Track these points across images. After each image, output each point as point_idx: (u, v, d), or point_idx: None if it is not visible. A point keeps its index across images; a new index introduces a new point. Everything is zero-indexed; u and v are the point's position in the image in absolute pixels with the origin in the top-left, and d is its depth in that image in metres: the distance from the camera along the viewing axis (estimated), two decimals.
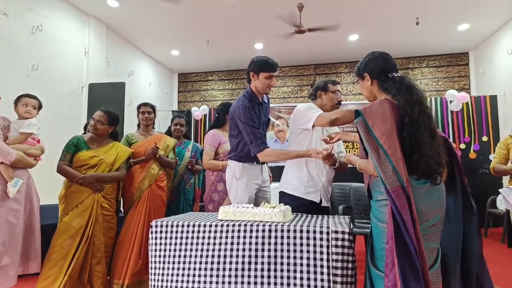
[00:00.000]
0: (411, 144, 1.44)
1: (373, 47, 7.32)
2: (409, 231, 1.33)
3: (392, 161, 1.38)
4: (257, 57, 2.28)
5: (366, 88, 1.68)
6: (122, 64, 6.81)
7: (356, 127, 1.54)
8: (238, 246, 1.62)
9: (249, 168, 2.35)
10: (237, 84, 8.53)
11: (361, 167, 1.60)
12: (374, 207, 1.55)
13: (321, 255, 1.53)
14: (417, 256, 1.32)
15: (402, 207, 1.35)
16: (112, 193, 2.67)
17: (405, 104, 1.47)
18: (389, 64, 1.63)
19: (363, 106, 1.55)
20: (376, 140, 1.43)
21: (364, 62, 1.69)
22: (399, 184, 1.37)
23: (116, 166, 2.68)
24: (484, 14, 5.67)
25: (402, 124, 1.46)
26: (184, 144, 3.42)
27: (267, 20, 5.77)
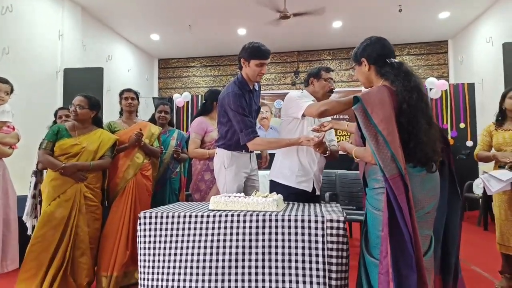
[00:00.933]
0: (408, 131, 1.43)
1: (356, 34, 7.37)
2: (405, 219, 1.33)
3: (391, 148, 1.37)
4: (249, 43, 2.21)
5: (363, 73, 1.65)
6: (99, 49, 6.53)
7: (354, 114, 1.51)
8: (231, 236, 1.58)
9: (238, 156, 2.30)
10: (220, 70, 8.38)
11: (358, 154, 1.58)
12: (370, 195, 1.54)
13: (316, 244, 1.51)
14: (412, 244, 1.32)
15: (399, 194, 1.34)
16: (96, 182, 2.56)
17: (403, 90, 1.45)
18: (387, 49, 1.61)
19: (361, 92, 1.52)
20: (375, 127, 1.41)
21: (361, 47, 1.65)
22: (398, 171, 1.37)
23: (99, 154, 2.56)
24: (464, 2, 5.75)
25: (400, 110, 1.44)
26: (169, 132, 3.33)
27: (251, 5, 5.64)
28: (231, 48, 7.83)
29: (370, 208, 1.53)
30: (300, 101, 2.19)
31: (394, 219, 1.39)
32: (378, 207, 1.47)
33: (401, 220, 1.34)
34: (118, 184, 2.69)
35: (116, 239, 2.55)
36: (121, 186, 2.68)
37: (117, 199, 2.67)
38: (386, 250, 1.37)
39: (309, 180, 2.23)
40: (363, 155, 1.53)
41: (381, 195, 1.46)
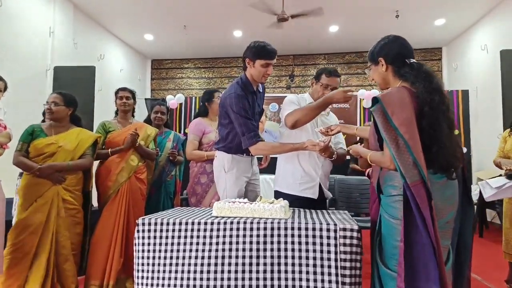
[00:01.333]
0: (430, 135, 1.35)
1: (352, 39, 7.30)
2: (428, 228, 1.25)
3: (413, 152, 1.29)
4: (254, 42, 2.11)
5: (379, 73, 1.57)
6: (91, 47, 6.35)
7: (371, 115, 1.43)
8: (238, 245, 1.48)
9: (239, 160, 2.20)
10: (214, 73, 8.27)
11: (374, 159, 1.49)
12: (386, 203, 1.46)
13: (328, 254, 1.42)
14: (436, 256, 1.24)
15: (422, 203, 1.26)
16: (76, 184, 2.41)
17: (425, 92, 1.37)
18: (405, 49, 1.53)
19: (381, 93, 1.44)
20: (395, 130, 1.33)
21: (378, 46, 1.57)
22: (420, 178, 1.29)
23: (78, 154, 2.41)
24: (460, 9, 5.78)
25: (422, 113, 1.36)
26: (165, 134, 3.21)
27: (248, 7, 5.56)
28: (227, 50, 7.73)
29: (386, 216, 1.44)
30: (285, 109, 2.14)
31: (413, 229, 1.31)
32: (395, 216, 1.39)
33: (424, 230, 1.26)
34: (111, 187, 2.56)
35: (111, 246, 2.43)
36: (114, 189, 2.55)
37: (109, 203, 2.54)
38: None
39: (314, 186, 2.14)
40: (381, 160, 1.44)
41: (399, 203, 1.38)
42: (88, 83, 5.06)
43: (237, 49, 7.60)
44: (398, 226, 1.37)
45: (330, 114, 2.38)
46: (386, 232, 1.43)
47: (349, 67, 7.72)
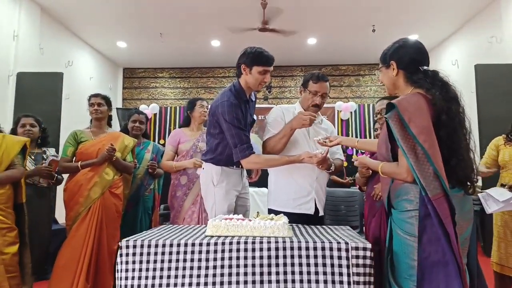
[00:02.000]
0: (448, 146, 1.27)
1: (330, 51, 7.38)
2: (452, 246, 1.15)
3: (434, 163, 1.19)
4: (251, 48, 1.98)
5: (389, 77, 1.47)
6: (59, 53, 5.98)
7: (386, 122, 1.32)
8: (238, 269, 1.31)
9: (228, 172, 2.04)
10: (190, 83, 8.06)
11: (387, 171, 1.37)
12: (399, 218, 1.34)
13: (340, 276, 1.28)
14: (461, 275, 1.14)
15: (446, 218, 1.16)
16: (6, 201, 2.05)
17: (442, 100, 1.29)
18: (421, 55, 1.43)
19: (396, 99, 1.34)
20: (414, 138, 1.23)
21: (392, 48, 1.47)
22: (442, 190, 1.19)
23: (4, 165, 2.07)
24: (432, 26, 5.99)
25: (439, 122, 1.28)
26: (143, 145, 2.99)
27: (227, 17, 5.47)
28: (203, 60, 7.57)
29: (400, 233, 1.33)
30: (268, 129, 2.08)
31: (432, 247, 1.20)
32: (412, 233, 1.27)
33: (448, 248, 1.16)
34: (82, 204, 2.30)
35: (77, 270, 2.16)
36: (85, 206, 2.30)
37: (78, 222, 2.28)
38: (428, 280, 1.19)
39: (310, 201, 2.00)
40: (396, 171, 1.33)
41: (415, 219, 1.27)
42: (54, 90, 4.72)
43: (214, 59, 7.47)
44: (414, 243, 1.26)
45: (324, 121, 2.27)
46: (400, 250, 1.32)
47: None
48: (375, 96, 7.79)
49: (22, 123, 2.61)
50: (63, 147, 2.46)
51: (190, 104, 2.76)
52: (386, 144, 1.39)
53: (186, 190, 2.54)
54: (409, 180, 1.28)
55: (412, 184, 1.29)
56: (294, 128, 1.94)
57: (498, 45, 5.05)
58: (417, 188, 1.27)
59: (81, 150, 2.43)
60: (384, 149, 1.42)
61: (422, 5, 5.29)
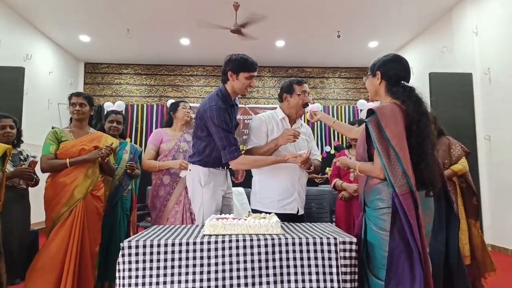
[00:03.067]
0: (417, 152, 1.46)
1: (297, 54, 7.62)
2: (415, 236, 1.34)
3: (403, 164, 1.39)
4: (235, 55, 2.07)
5: (373, 85, 1.67)
6: (17, 46, 5.64)
7: (366, 126, 1.52)
8: (238, 265, 1.41)
9: (215, 173, 2.13)
10: (156, 80, 7.93)
11: (364, 169, 1.57)
12: (373, 215, 1.53)
13: (330, 268, 1.43)
14: (421, 262, 1.33)
15: (409, 211, 1.36)
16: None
17: (414, 112, 1.48)
18: (404, 72, 1.62)
19: (376, 106, 1.52)
20: (388, 141, 1.42)
21: (381, 61, 1.65)
22: (408, 188, 1.39)
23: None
24: (391, 34, 6.43)
25: (411, 131, 1.47)
26: (121, 145, 2.95)
27: (198, 15, 5.48)
28: (171, 58, 7.49)
29: (374, 228, 1.51)
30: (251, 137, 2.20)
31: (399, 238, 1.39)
32: (384, 227, 1.47)
33: (411, 237, 1.35)
34: (64, 204, 2.25)
35: (62, 275, 2.11)
36: (69, 207, 2.25)
37: (59, 225, 2.22)
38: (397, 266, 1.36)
39: (293, 201, 2.15)
40: (371, 169, 1.52)
41: (387, 215, 1.46)
42: (15, 86, 4.48)
43: (183, 57, 7.42)
44: (386, 237, 1.45)
45: (303, 126, 2.42)
46: (375, 243, 1.50)
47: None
48: (338, 98, 8.17)
49: (1, 124, 2.50)
50: (44, 145, 2.37)
51: (173, 105, 2.81)
52: (364, 145, 1.58)
53: (169, 189, 2.58)
54: (381, 177, 1.46)
55: (384, 184, 1.49)
56: (279, 144, 2.09)
57: (449, 55, 5.55)
58: (388, 188, 1.46)
59: (62, 151, 2.36)
60: (362, 150, 1.61)
61: (383, 15, 5.67)
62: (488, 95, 4.75)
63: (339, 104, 7.91)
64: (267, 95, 8.06)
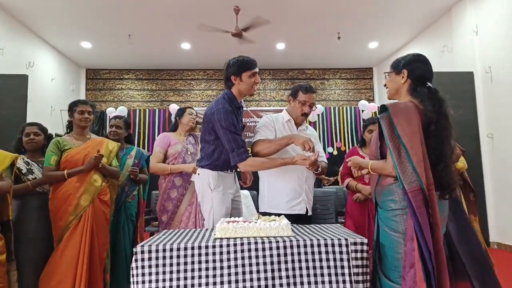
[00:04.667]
0: (435, 153, 1.44)
1: (297, 56, 7.66)
2: (424, 233, 1.32)
3: (413, 161, 1.37)
4: (233, 59, 2.10)
5: (396, 82, 1.62)
6: (19, 54, 5.68)
7: (378, 122, 1.51)
8: (251, 267, 1.42)
9: (224, 176, 2.14)
10: (158, 85, 7.96)
11: (376, 167, 1.56)
12: (386, 217, 1.53)
13: (342, 269, 1.44)
14: (431, 260, 1.32)
15: (419, 208, 1.35)
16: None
17: (433, 112, 1.47)
18: (429, 73, 1.61)
19: (390, 103, 1.51)
20: (399, 138, 1.41)
21: (407, 58, 1.62)
22: (418, 185, 1.37)
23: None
24: (391, 35, 6.46)
25: (428, 131, 1.45)
26: (126, 150, 2.98)
27: (198, 19, 5.51)
28: (173, 62, 7.52)
29: (387, 229, 1.51)
30: (259, 132, 2.19)
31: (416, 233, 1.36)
32: (396, 229, 1.47)
33: (420, 234, 1.33)
34: (71, 213, 2.26)
35: (76, 281, 2.13)
36: (76, 215, 2.27)
37: (70, 232, 2.24)
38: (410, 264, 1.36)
39: (301, 202, 2.16)
40: (383, 166, 1.51)
41: (399, 217, 1.46)
42: (19, 93, 4.50)
43: (184, 61, 7.45)
44: (399, 239, 1.45)
45: (309, 128, 2.44)
46: (387, 245, 1.50)
47: (292, 83, 8.05)
48: (339, 99, 8.20)
49: (26, 132, 2.51)
50: (46, 156, 2.39)
51: (180, 111, 2.85)
52: (377, 142, 1.58)
53: (183, 191, 2.59)
54: (393, 174, 1.46)
55: (396, 185, 1.48)
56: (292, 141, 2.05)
57: (450, 54, 5.57)
58: (400, 189, 1.44)
59: (67, 158, 2.38)
60: (374, 148, 1.61)
61: (382, 15, 5.69)
62: (490, 93, 4.76)
63: (340, 105, 7.93)
64: (268, 97, 8.09)
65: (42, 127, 2.67)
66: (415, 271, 1.33)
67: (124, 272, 2.73)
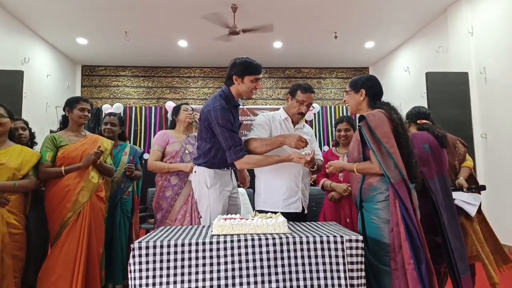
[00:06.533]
0: (406, 150, 1.67)
1: (294, 55, 7.65)
2: (411, 217, 1.55)
3: (394, 158, 1.61)
4: (239, 59, 2.10)
5: (355, 100, 1.89)
6: (15, 49, 5.63)
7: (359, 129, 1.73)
8: (248, 263, 1.44)
9: (221, 174, 2.16)
10: (154, 82, 7.93)
11: (362, 167, 1.74)
12: (374, 208, 1.70)
13: (337, 266, 1.47)
14: (419, 238, 1.54)
15: (404, 196, 1.57)
16: (19, 205, 2.15)
17: (397, 118, 1.73)
18: (381, 91, 1.90)
19: (366, 113, 1.75)
20: (378, 140, 1.64)
21: (364, 80, 1.89)
22: (401, 177, 1.60)
23: (22, 173, 2.16)
24: (387, 34, 6.49)
25: (398, 133, 1.69)
26: (120, 147, 2.98)
27: (196, 17, 5.51)
28: (169, 60, 7.50)
29: (375, 219, 1.67)
30: (253, 130, 2.21)
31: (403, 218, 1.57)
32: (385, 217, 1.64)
33: (408, 218, 1.55)
34: (70, 209, 2.27)
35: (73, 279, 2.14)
36: (75, 211, 2.27)
37: (68, 228, 2.24)
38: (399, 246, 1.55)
39: (297, 200, 2.18)
40: (370, 167, 1.70)
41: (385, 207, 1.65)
42: (14, 89, 4.48)
43: (180, 58, 7.43)
44: (387, 226, 1.63)
45: (305, 127, 2.45)
46: (375, 233, 1.65)
47: (289, 81, 8.07)
48: (335, 98, 8.23)
49: (14, 127, 2.51)
50: (41, 152, 2.38)
51: (175, 109, 2.84)
52: (358, 148, 1.78)
53: (178, 189, 2.60)
54: (380, 172, 1.65)
55: (380, 182, 1.68)
56: (286, 144, 2.05)
57: (445, 54, 5.62)
58: (385, 184, 1.66)
59: (63, 155, 2.38)
60: (356, 153, 1.80)
61: (379, 15, 5.72)
62: (484, 94, 4.81)
63: (336, 104, 7.96)
64: (265, 96, 8.10)
65: (25, 121, 2.68)
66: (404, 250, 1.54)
67: (120, 267, 2.74)
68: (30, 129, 2.69)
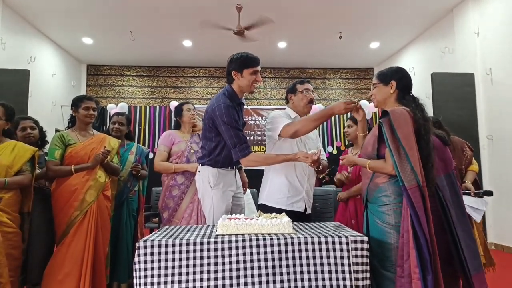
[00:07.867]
0: (425, 153, 1.58)
1: (298, 55, 7.66)
2: (422, 226, 1.45)
3: (411, 161, 1.51)
4: (236, 54, 2.10)
5: (384, 93, 1.75)
6: (21, 49, 5.68)
7: (379, 125, 1.63)
8: (252, 263, 1.44)
9: (224, 174, 2.16)
10: (159, 81, 7.96)
11: (375, 165, 1.65)
12: (378, 211, 1.63)
13: (342, 267, 1.46)
14: (428, 248, 1.44)
15: (417, 203, 1.47)
16: (14, 204, 2.11)
17: (421, 119, 1.62)
18: (411, 84, 1.76)
19: (390, 109, 1.63)
20: (398, 141, 1.54)
21: (393, 70, 1.77)
22: (416, 182, 1.51)
23: (15, 169, 2.13)
24: (392, 35, 6.47)
25: (420, 134, 1.59)
26: (127, 146, 3.00)
27: (200, 17, 5.51)
28: (173, 59, 7.52)
29: (379, 222, 1.61)
30: (277, 122, 2.17)
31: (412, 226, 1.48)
32: (389, 222, 1.58)
33: (418, 226, 1.46)
34: (77, 208, 2.28)
35: (80, 276, 2.15)
36: (82, 210, 2.28)
37: (76, 226, 2.25)
38: (408, 254, 1.46)
39: (301, 200, 2.18)
40: (383, 166, 1.62)
41: (393, 211, 1.58)
42: (20, 88, 4.53)
43: (185, 58, 7.46)
44: (390, 230, 1.57)
45: None
46: (379, 237, 1.60)
47: (293, 81, 8.06)
48: (339, 98, 8.20)
49: (21, 126, 2.52)
50: (49, 150, 2.41)
51: (177, 109, 2.82)
52: (374, 145, 1.69)
53: (184, 188, 2.60)
54: (392, 173, 1.58)
55: (389, 184, 1.61)
56: (334, 113, 2.02)
57: (450, 55, 5.59)
58: (393, 186, 1.60)
59: (71, 153, 2.39)
60: (370, 149, 1.71)
61: (384, 15, 5.70)
62: (490, 95, 4.78)
63: None
64: (269, 96, 8.09)
65: (35, 120, 2.68)
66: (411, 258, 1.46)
67: (126, 266, 2.76)
68: (41, 128, 2.70)
